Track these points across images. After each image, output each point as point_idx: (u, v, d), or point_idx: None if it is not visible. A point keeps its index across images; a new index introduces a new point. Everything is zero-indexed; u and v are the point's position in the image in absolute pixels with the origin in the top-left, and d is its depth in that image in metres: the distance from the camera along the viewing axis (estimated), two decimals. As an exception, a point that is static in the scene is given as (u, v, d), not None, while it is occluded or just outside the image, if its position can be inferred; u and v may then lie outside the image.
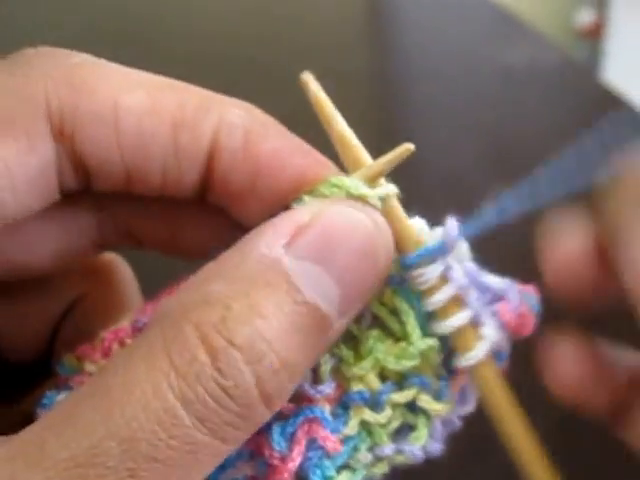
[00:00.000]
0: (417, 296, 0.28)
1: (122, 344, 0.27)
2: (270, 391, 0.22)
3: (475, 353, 0.27)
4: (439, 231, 0.27)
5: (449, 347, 0.28)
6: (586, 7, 2.28)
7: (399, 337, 0.28)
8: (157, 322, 0.23)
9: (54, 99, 0.25)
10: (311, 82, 0.27)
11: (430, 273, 0.27)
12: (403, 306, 0.28)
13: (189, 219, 0.30)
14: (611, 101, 0.89)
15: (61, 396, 0.26)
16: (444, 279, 0.27)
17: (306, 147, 0.27)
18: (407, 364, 0.27)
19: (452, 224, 0.27)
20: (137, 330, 0.27)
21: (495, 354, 0.28)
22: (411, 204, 0.28)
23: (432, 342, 0.28)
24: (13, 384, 0.31)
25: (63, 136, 0.25)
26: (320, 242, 0.24)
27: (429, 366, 0.28)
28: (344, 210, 0.25)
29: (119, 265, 0.33)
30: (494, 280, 0.28)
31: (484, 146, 0.83)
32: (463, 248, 0.28)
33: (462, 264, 0.28)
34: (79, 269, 0.32)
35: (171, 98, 0.26)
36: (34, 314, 0.31)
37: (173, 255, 0.31)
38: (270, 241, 0.24)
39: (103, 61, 0.27)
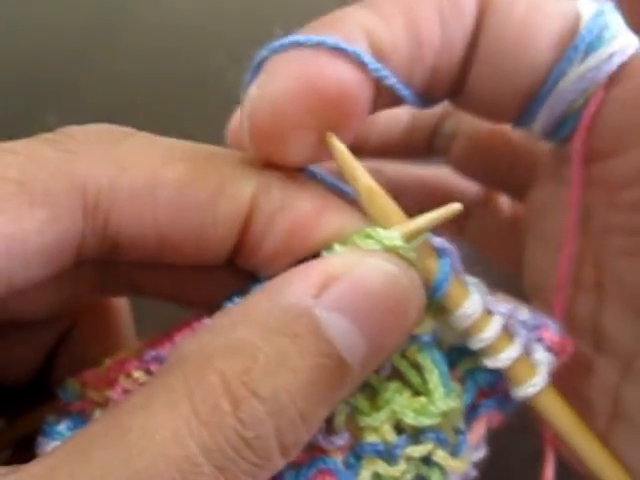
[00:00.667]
0: (442, 355, 0.27)
1: (129, 376, 0.26)
2: (288, 443, 0.22)
3: (538, 379, 0.26)
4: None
5: (471, 401, 0.28)
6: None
7: (418, 390, 0.27)
8: (178, 365, 0.22)
9: (93, 175, 0.24)
10: (336, 143, 0.25)
11: (475, 304, 0.26)
12: (427, 364, 0.27)
13: (199, 276, 0.29)
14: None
15: (62, 425, 0.26)
16: (485, 314, 0.26)
17: (342, 203, 0.26)
18: (426, 422, 0.27)
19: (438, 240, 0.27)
20: (145, 363, 0.27)
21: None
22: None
23: (454, 403, 0.27)
24: (5, 405, 0.31)
25: (97, 211, 0.25)
26: (352, 295, 0.23)
27: (448, 423, 0.28)
28: (379, 263, 0.24)
29: None
30: (524, 311, 0.28)
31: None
32: (482, 286, 0.27)
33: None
34: None
35: (211, 167, 0.26)
36: (28, 342, 0.31)
37: (174, 303, 0.31)
38: (300, 290, 0.23)
39: (148, 135, 0.26)
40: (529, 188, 0.33)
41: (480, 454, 0.29)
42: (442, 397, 0.27)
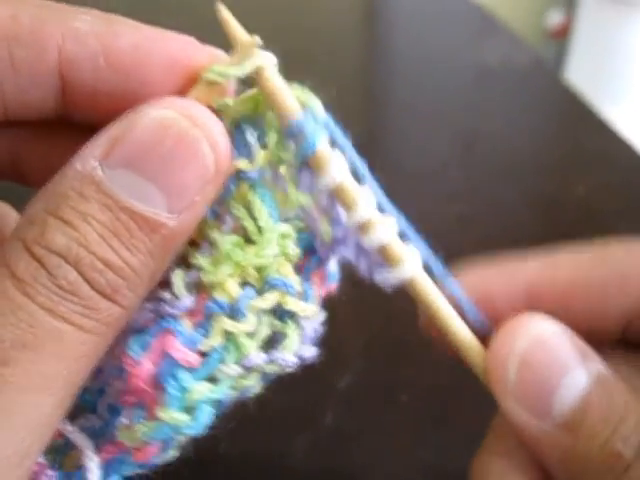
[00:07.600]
0: (272, 194, 0.27)
1: None
2: (102, 287, 0.24)
3: (412, 262, 0.28)
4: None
5: (306, 247, 0.28)
6: (557, 7, 2.36)
7: (252, 237, 0.28)
8: (3, 244, 0.25)
9: None
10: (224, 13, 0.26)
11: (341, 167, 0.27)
12: (256, 201, 0.27)
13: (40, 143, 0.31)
14: (572, 102, 0.95)
15: None
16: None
17: (166, 32, 0.28)
18: (264, 254, 0.27)
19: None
20: None
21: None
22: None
23: (286, 228, 0.28)
24: None
25: None
26: (133, 150, 0.24)
27: (288, 262, 0.28)
28: (153, 113, 0.25)
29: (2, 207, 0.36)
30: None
31: (456, 144, 0.86)
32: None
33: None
34: None
35: (3, 11, 0.26)
36: None
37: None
38: (84, 157, 0.24)
39: None
40: None
41: (321, 316, 0.29)
42: (272, 225, 0.27)
